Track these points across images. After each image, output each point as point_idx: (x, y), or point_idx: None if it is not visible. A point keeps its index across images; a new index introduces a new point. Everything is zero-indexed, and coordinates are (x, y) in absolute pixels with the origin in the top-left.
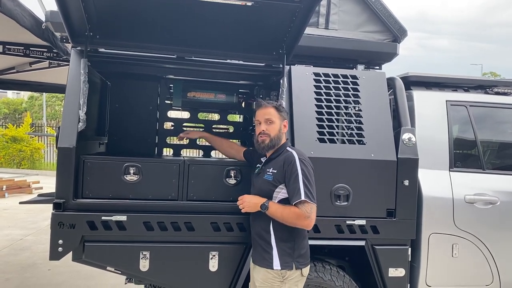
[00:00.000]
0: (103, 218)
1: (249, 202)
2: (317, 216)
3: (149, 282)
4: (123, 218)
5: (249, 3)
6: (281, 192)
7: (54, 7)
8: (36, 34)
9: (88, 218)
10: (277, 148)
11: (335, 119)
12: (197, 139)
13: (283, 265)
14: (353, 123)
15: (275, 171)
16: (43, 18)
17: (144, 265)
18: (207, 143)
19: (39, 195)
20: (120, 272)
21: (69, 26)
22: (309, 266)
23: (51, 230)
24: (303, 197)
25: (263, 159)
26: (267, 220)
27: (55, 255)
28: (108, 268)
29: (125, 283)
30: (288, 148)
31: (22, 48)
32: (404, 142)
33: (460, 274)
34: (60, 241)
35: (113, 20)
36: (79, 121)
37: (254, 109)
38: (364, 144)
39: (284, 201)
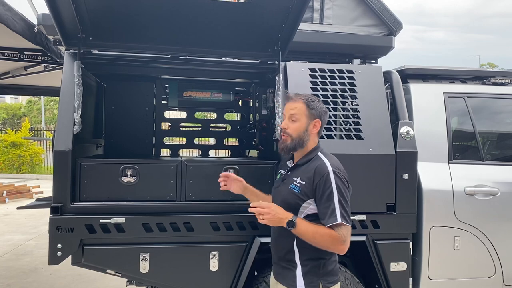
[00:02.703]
0: (101, 221)
1: (273, 215)
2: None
3: (150, 284)
4: (121, 220)
5: (242, 0)
6: (308, 208)
7: (46, 10)
8: (28, 38)
9: (86, 221)
10: (306, 153)
11: (333, 114)
12: (194, 139)
13: (309, 285)
14: (351, 118)
15: (304, 183)
16: (35, 22)
17: (144, 267)
18: (205, 143)
19: (37, 200)
20: (120, 275)
21: (61, 28)
22: (339, 283)
23: (49, 235)
24: (339, 220)
25: (289, 163)
26: (291, 236)
27: (54, 259)
28: (108, 271)
29: (127, 286)
30: (320, 155)
31: (16, 52)
32: (402, 135)
33: (462, 267)
34: (59, 245)
35: (105, 21)
36: (74, 124)
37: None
38: (362, 138)
39: (311, 217)
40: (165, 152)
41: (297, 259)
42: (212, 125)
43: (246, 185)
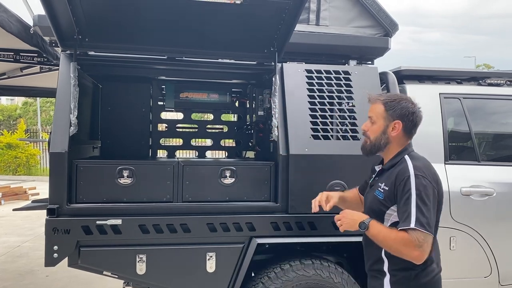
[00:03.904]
0: (98, 222)
1: (349, 219)
2: (314, 214)
3: (146, 286)
4: (118, 222)
5: (238, 1)
6: (393, 215)
7: (42, 11)
8: (24, 39)
9: (82, 223)
10: (391, 157)
11: (329, 115)
12: (191, 140)
13: None
14: (347, 119)
15: (387, 188)
16: (31, 23)
17: (141, 268)
18: (202, 144)
19: (33, 201)
20: (117, 277)
21: (57, 30)
22: None
23: (45, 236)
24: (412, 225)
25: (377, 168)
26: (379, 246)
27: (50, 261)
28: (105, 272)
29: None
30: (406, 158)
31: (12, 53)
32: None
33: (458, 267)
34: (55, 247)
35: (101, 22)
36: (71, 125)
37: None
38: (359, 139)
39: (396, 225)
40: (161, 153)
41: (385, 268)
42: (208, 126)
43: (336, 201)
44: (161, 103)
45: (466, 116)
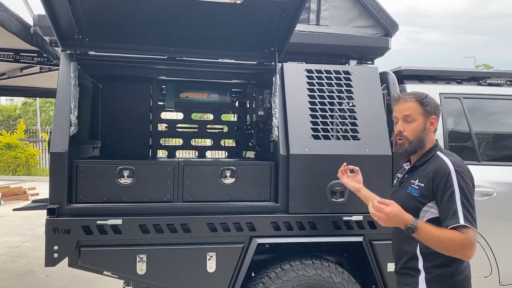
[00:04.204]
0: (98, 222)
1: (391, 216)
2: (313, 214)
3: (147, 285)
4: (118, 221)
5: (238, 1)
6: (430, 211)
7: (42, 11)
8: (24, 39)
9: (83, 223)
10: (423, 153)
11: (329, 115)
12: (191, 140)
13: None
14: (347, 119)
15: (422, 185)
16: (31, 23)
17: (141, 268)
18: (202, 144)
19: (33, 201)
20: (117, 277)
21: (57, 29)
22: None
23: (45, 236)
24: (462, 221)
25: (406, 166)
26: (414, 242)
27: (50, 261)
28: (105, 272)
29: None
30: (439, 154)
31: (12, 53)
32: None
33: None
34: (55, 247)
35: (102, 22)
36: (71, 125)
37: (391, 105)
38: (359, 139)
39: (433, 221)
40: (161, 153)
41: (420, 266)
42: (209, 126)
43: (362, 186)
44: (161, 103)
45: (466, 116)
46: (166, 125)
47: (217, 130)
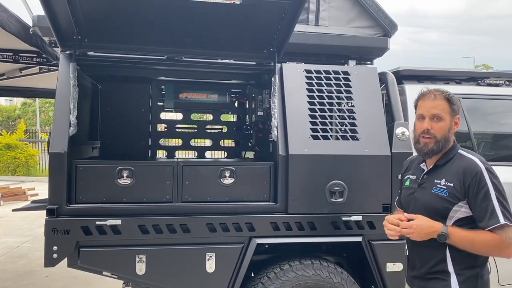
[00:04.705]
0: (97, 222)
1: (420, 230)
2: (313, 214)
3: (146, 286)
4: (117, 222)
5: (237, 2)
6: (460, 211)
7: (41, 11)
8: (24, 39)
9: (82, 223)
10: (445, 152)
11: (328, 115)
12: (190, 141)
13: None
14: (346, 119)
15: (451, 184)
16: (30, 23)
17: (140, 268)
18: (201, 144)
19: (33, 202)
20: (116, 277)
21: (56, 30)
22: None
23: (45, 237)
24: (502, 221)
25: (423, 166)
26: (441, 246)
27: (50, 261)
28: (105, 273)
29: None
30: (462, 152)
31: (11, 54)
32: (398, 136)
33: None
34: (55, 248)
35: (101, 22)
36: (70, 125)
37: (415, 101)
38: (358, 139)
39: (463, 221)
40: (161, 154)
41: (450, 269)
42: (208, 126)
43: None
44: (161, 103)
45: (465, 116)
46: (166, 126)
47: (216, 131)
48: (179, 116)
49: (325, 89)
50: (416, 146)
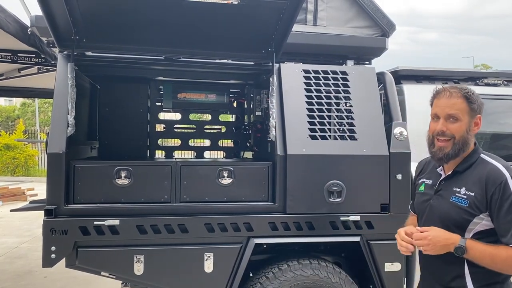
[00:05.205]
0: (95, 223)
1: (435, 242)
2: (311, 214)
3: (144, 286)
4: (115, 222)
5: (235, 2)
6: (480, 223)
7: (39, 11)
8: (22, 39)
9: (80, 223)
10: (466, 157)
11: (326, 115)
12: (189, 141)
13: None
14: (345, 119)
15: (472, 194)
16: (28, 23)
17: (138, 269)
18: (200, 144)
19: (31, 202)
20: (115, 277)
21: (54, 30)
22: None
23: (43, 237)
24: None
25: (440, 171)
26: (459, 260)
27: (48, 262)
28: (103, 273)
29: None
30: (484, 157)
31: (10, 54)
32: (396, 136)
33: None
34: (53, 248)
35: (99, 23)
36: (68, 126)
37: (431, 99)
38: (356, 139)
39: (484, 234)
40: (159, 154)
41: (469, 285)
42: (206, 126)
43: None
44: (159, 103)
45: None
46: (164, 126)
47: (215, 131)
48: (177, 116)
49: (323, 89)
50: (430, 149)
